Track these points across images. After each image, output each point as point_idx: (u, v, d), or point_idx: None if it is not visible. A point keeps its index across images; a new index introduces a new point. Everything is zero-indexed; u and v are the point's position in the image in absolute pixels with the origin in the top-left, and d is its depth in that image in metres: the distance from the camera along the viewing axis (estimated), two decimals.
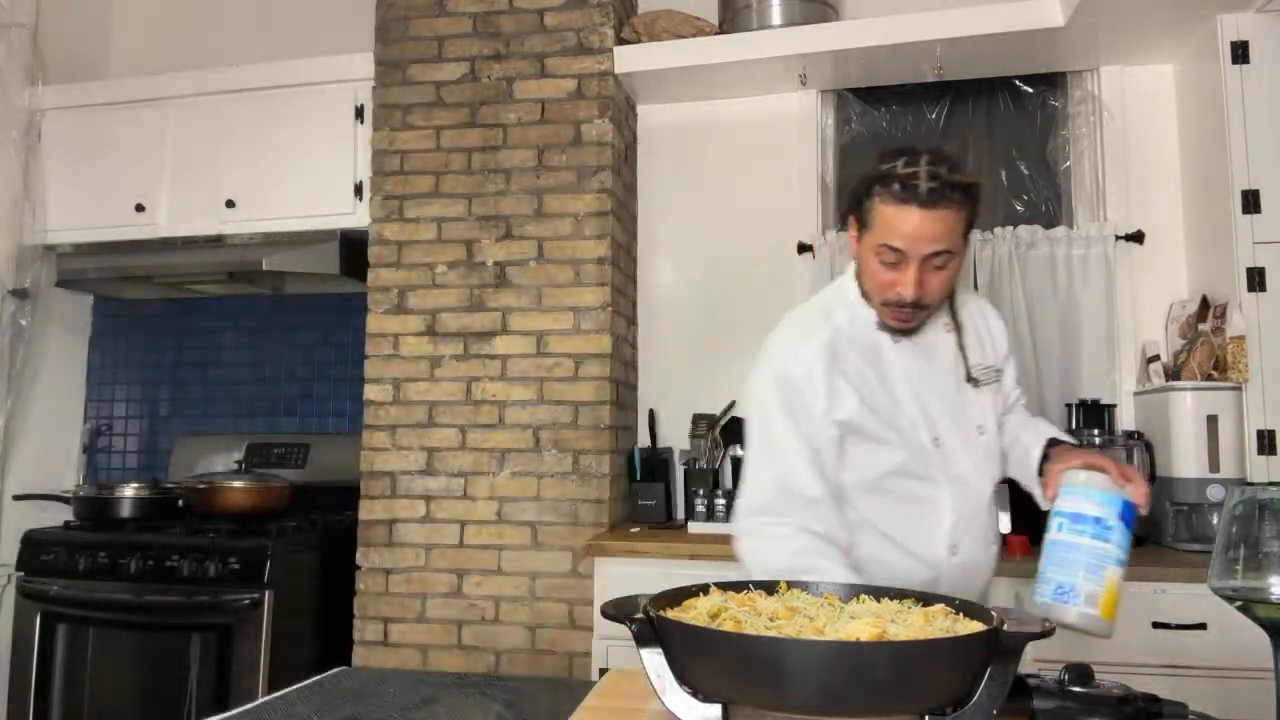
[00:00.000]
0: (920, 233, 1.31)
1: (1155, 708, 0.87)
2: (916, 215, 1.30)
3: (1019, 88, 2.84)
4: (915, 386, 1.43)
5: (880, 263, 1.36)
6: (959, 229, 1.33)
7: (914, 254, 1.32)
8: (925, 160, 1.32)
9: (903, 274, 1.34)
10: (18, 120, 3.03)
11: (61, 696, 2.60)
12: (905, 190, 1.31)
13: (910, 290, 1.34)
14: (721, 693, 0.79)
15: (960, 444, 1.44)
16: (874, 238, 1.36)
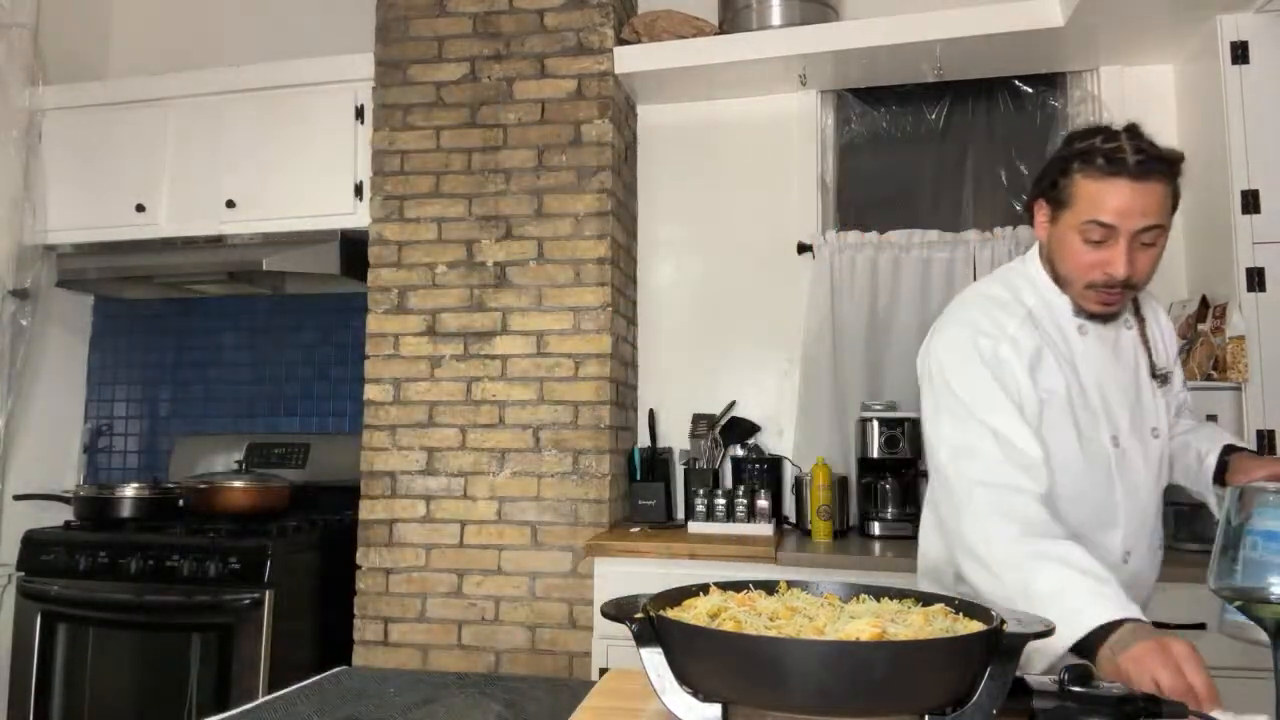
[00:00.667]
0: (1131, 206, 1.25)
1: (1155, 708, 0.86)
2: (1126, 188, 1.25)
3: (1019, 88, 2.84)
4: (1100, 382, 1.37)
5: (1085, 241, 1.29)
6: (1167, 203, 1.28)
7: (1125, 229, 1.26)
8: (1125, 135, 1.28)
9: (1112, 252, 1.28)
10: (18, 120, 3.03)
11: (61, 696, 2.60)
12: (1112, 163, 1.26)
13: (1122, 267, 1.27)
14: (721, 693, 0.79)
15: (1136, 446, 1.37)
16: (1076, 216, 1.29)
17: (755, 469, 2.67)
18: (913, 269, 2.75)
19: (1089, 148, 1.28)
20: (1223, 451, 1.37)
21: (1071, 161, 1.30)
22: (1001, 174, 2.85)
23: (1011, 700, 0.82)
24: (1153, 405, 1.40)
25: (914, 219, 2.84)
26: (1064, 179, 1.31)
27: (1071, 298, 1.37)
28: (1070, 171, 1.30)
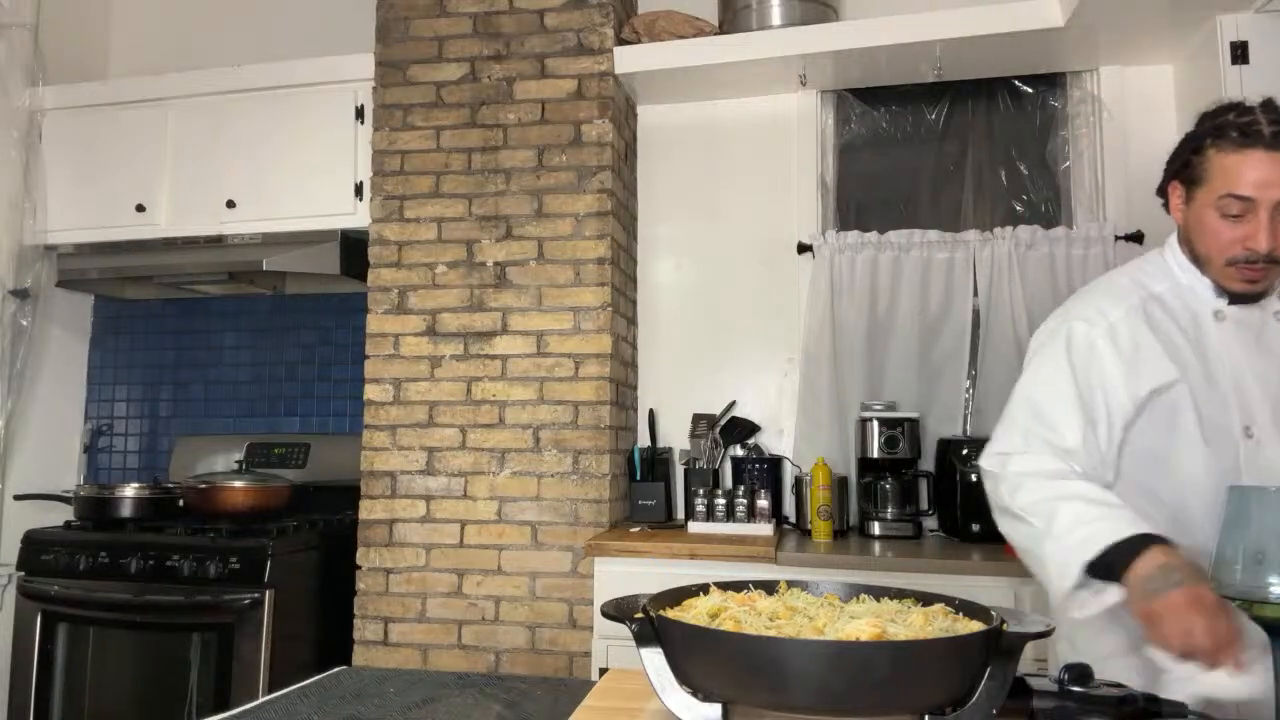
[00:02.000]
0: (1269, 177, 1.23)
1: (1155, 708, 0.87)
2: (1263, 158, 1.23)
3: (1019, 88, 2.84)
4: (1235, 368, 1.32)
5: (1222, 217, 1.27)
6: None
7: (1265, 200, 1.24)
8: (1260, 107, 1.26)
9: (1251, 225, 1.25)
10: (18, 120, 3.03)
11: (62, 696, 2.60)
12: (1247, 135, 1.24)
13: (1264, 239, 1.24)
14: (721, 692, 0.79)
15: (1278, 443, 1.30)
16: (1211, 191, 1.28)
17: (755, 469, 2.67)
18: (913, 269, 2.75)
19: (1222, 123, 1.27)
20: None
21: (1204, 138, 1.29)
22: (1001, 174, 2.85)
23: (1011, 700, 0.82)
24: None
25: (914, 219, 2.85)
26: (1197, 156, 1.30)
27: (1213, 279, 1.34)
28: (1203, 148, 1.29)
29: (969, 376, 2.70)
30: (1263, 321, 1.35)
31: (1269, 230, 1.24)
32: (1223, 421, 1.30)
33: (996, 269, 2.68)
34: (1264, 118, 1.24)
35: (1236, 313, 1.34)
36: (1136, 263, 1.45)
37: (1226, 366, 1.32)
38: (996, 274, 2.68)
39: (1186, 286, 1.36)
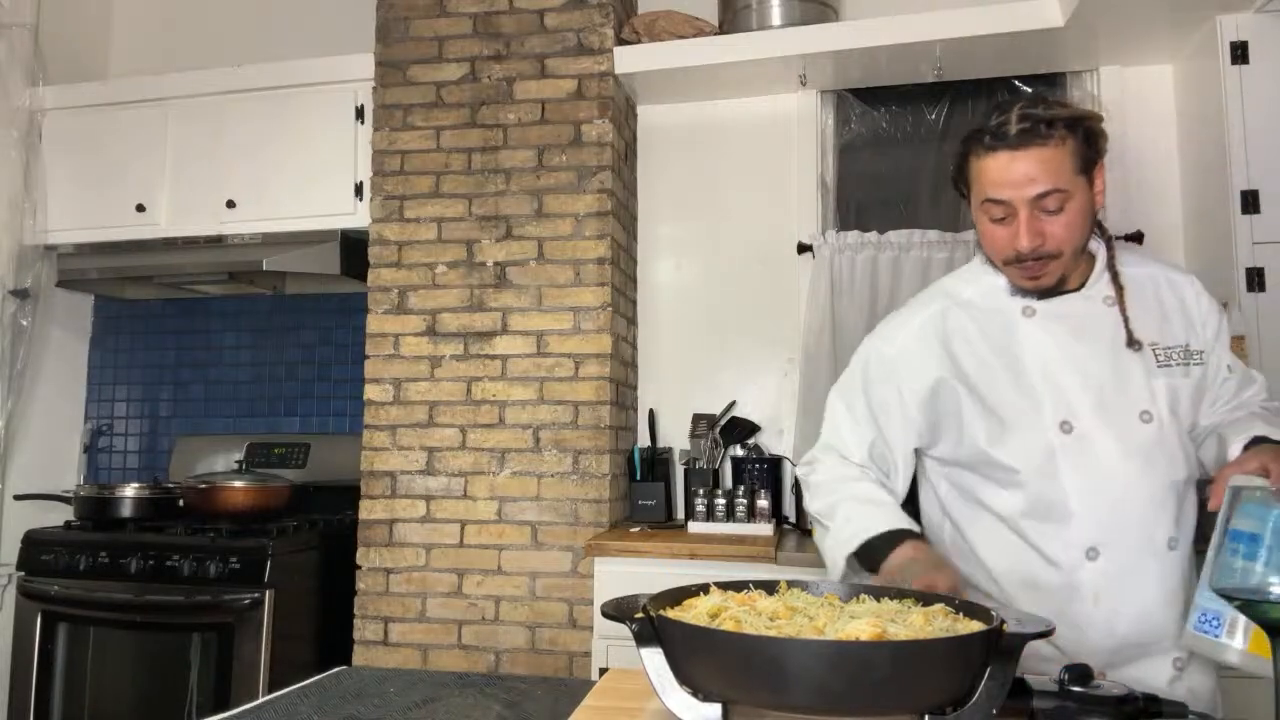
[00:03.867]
0: (1015, 176, 1.22)
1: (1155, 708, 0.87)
2: (1009, 159, 1.23)
3: (1019, 88, 2.84)
4: (1049, 364, 1.30)
5: (990, 221, 1.28)
6: (1066, 164, 1.22)
7: (1019, 199, 1.23)
8: (1018, 106, 1.24)
9: (1015, 226, 1.25)
10: (18, 120, 3.03)
11: (62, 696, 2.60)
12: (995, 138, 1.24)
13: (1025, 239, 1.24)
14: (721, 693, 0.79)
15: (1107, 432, 1.26)
16: (976, 199, 1.29)
17: (755, 469, 2.67)
18: (913, 269, 2.75)
19: (980, 128, 1.27)
20: (1250, 441, 1.22)
21: (967, 144, 1.30)
22: None
23: (1011, 700, 0.82)
24: (1141, 388, 1.28)
25: (914, 219, 2.84)
26: (963, 164, 1.31)
27: (1007, 277, 1.35)
28: (966, 156, 1.30)
29: None
30: (1085, 311, 1.32)
31: (1028, 228, 1.24)
32: (1029, 418, 1.29)
33: None
34: (1014, 116, 1.23)
35: (1050, 307, 1.32)
36: (960, 269, 1.48)
37: (1038, 362, 1.30)
38: None
39: (994, 287, 1.37)
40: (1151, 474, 1.26)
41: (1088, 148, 1.24)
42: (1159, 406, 1.28)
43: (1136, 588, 1.25)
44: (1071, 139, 1.22)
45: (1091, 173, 1.26)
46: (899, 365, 1.38)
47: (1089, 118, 1.26)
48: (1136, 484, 1.26)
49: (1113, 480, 1.25)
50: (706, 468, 2.66)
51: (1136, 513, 1.25)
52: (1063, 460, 1.26)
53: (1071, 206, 1.23)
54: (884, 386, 1.39)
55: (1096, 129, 1.26)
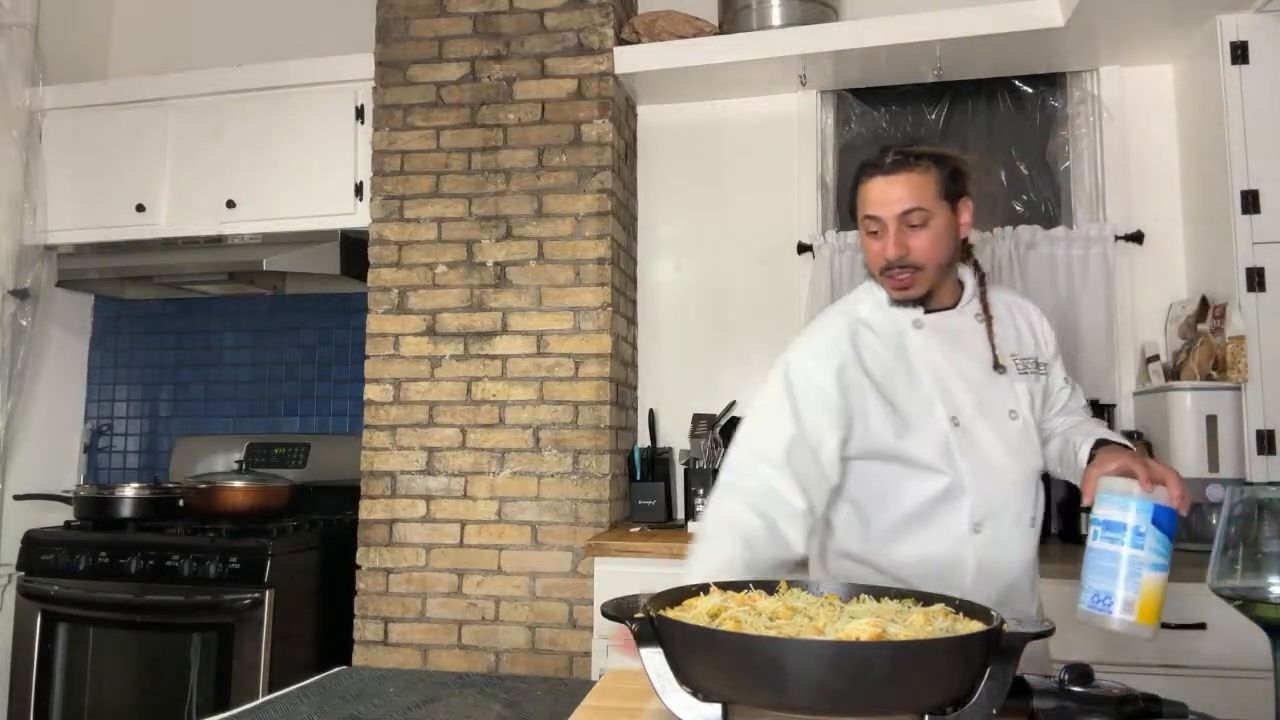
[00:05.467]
0: (886, 195, 1.44)
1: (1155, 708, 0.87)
2: (882, 181, 1.45)
3: (1019, 88, 2.84)
4: (937, 368, 1.49)
5: (868, 235, 1.48)
6: (929, 189, 1.44)
7: (887, 216, 1.44)
8: (895, 147, 1.47)
9: (885, 240, 1.45)
10: (18, 120, 3.03)
11: (61, 696, 2.60)
12: (873, 166, 1.47)
13: (891, 249, 1.44)
14: (721, 693, 0.79)
15: (987, 426, 1.48)
16: (860, 217, 1.49)
17: None
18: None
19: (865, 161, 1.50)
20: (1095, 444, 1.44)
21: (854, 177, 1.52)
22: (1001, 174, 2.85)
23: (1011, 700, 0.82)
24: (1008, 391, 1.51)
25: None
26: (853, 194, 1.52)
27: (884, 289, 1.52)
28: (854, 186, 1.52)
29: None
30: (961, 325, 1.53)
31: (895, 240, 1.44)
32: (925, 415, 1.47)
33: (997, 269, 2.68)
34: (891, 152, 1.46)
35: (934, 320, 1.52)
36: (853, 293, 1.62)
37: (928, 367, 1.49)
38: (997, 274, 2.68)
39: (884, 302, 1.54)
40: (1020, 462, 1.49)
41: (952, 181, 1.46)
42: (1022, 406, 1.51)
43: (1007, 557, 1.48)
44: (936, 170, 1.45)
45: (956, 203, 1.47)
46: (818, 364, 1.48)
47: (956, 158, 1.48)
48: (1011, 470, 1.48)
49: (994, 466, 1.47)
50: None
51: (1011, 494, 1.48)
52: (956, 448, 1.45)
53: (934, 224, 1.44)
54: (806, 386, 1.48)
55: (962, 169, 1.48)
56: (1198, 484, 2.24)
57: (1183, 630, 1.97)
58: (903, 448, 1.47)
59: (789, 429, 1.45)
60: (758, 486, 1.41)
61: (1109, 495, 1.22)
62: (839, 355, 1.49)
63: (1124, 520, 1.18)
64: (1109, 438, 1.46)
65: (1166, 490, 1.21)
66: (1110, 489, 1.23)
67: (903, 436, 1.47)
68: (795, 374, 1.50)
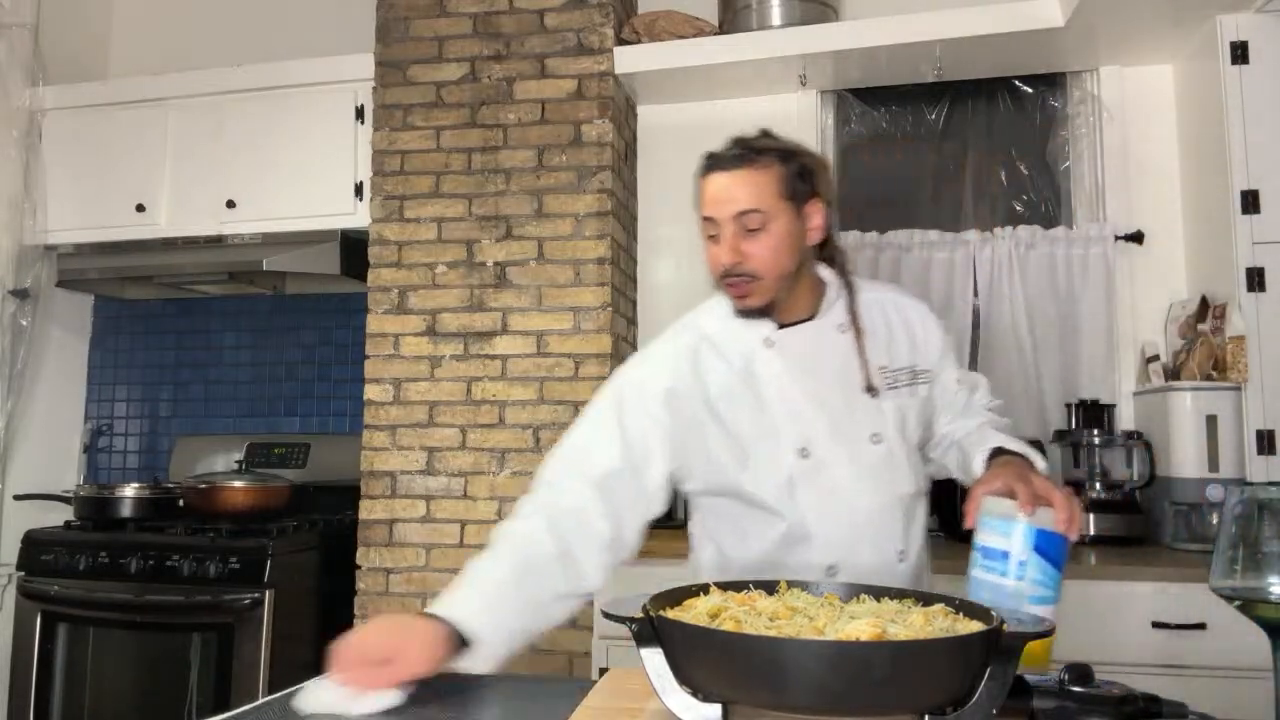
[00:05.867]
0: (721, 194, 1.32)
1: (1155, 708, 0.87)
2: (720, 179, 1.32)
3: (1019, 88, 2.84)
4: (786, 393, 1.34)
5: (707, 239, 1.37)
6: (769, 189, 1.30)
7: (722, 218, 1.31)
8: (740, 136, 1.36)
9: (722, 244, 1.33)
10: (18, 120, 3.03)
11: (61, 696, 2.60)
12: (710, 159, 1.36)
13: (726, 254, 1.31)
14: (721, 693, 0.79)
15: (842, 455, 1.33)
16: (700, 218, 1.37)
17: None
18: (913, 269, 2.75)
19: (709, 153, 1.37)
20: (991, 454, 1.31)
21: (698, 172, 1.38)
22: (1001, 174, 2.85)
23: (1011, 700, 0.82)
24: (872, 412, 1.35)
25: (914, 219, 2.84)
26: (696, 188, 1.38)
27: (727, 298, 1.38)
28: (697, 179, 1.38)
29: None
30: (819, 339, 1.37)
31: (730, 245, 1.30)
32: (773, 448, 1.32)
33: (996, 269, 2.68)
34: (732, 142, 1.34)
35: (787, 336, 1.36)
36: (706, 303, 1.48)
37: (776, 390, 1.34)
38: (996, 274, 2.68)
39: (727, 314, 1.39)
40: (881, 492, 1.34)
41: (800, 181, 1.31)
42: (888, 428, 1.35)
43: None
44: (780, 167, 1.30)
45: (803, 205, 1.32)
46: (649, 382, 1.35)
47: (806, 155, 1.34)
48: (868, 502, 1.33)
49: (846, 501, 1.32)
50: None
51: (869, 530, 1.33)
52: (801, 485, 1.31)
53: (773, 228, 1.29)
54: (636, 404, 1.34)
55: (813, 167, 1.33)
56: (1198, 484, 2.24)
57: (1183, 630, 1.97)
58: (742, 484, 1.33)
59: (612, 448, 1.30)
60: (565, 504, 1.26)
61: (989, 519, 1.11)
62: (671, 376, 1.35)
63: (1004, 547, 1.08)
64: (1006, 445, 1.32)
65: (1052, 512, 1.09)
66: (991, 511, 1.11)
67: (743, 470, 1.33)
68: (627, 389, 1.36)
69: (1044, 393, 2.62)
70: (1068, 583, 2.07)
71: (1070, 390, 2.61)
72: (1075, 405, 2.52)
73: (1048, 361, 2.64)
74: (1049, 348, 2.65)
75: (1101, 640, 1.97)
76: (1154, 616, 1.99)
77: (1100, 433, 2.44)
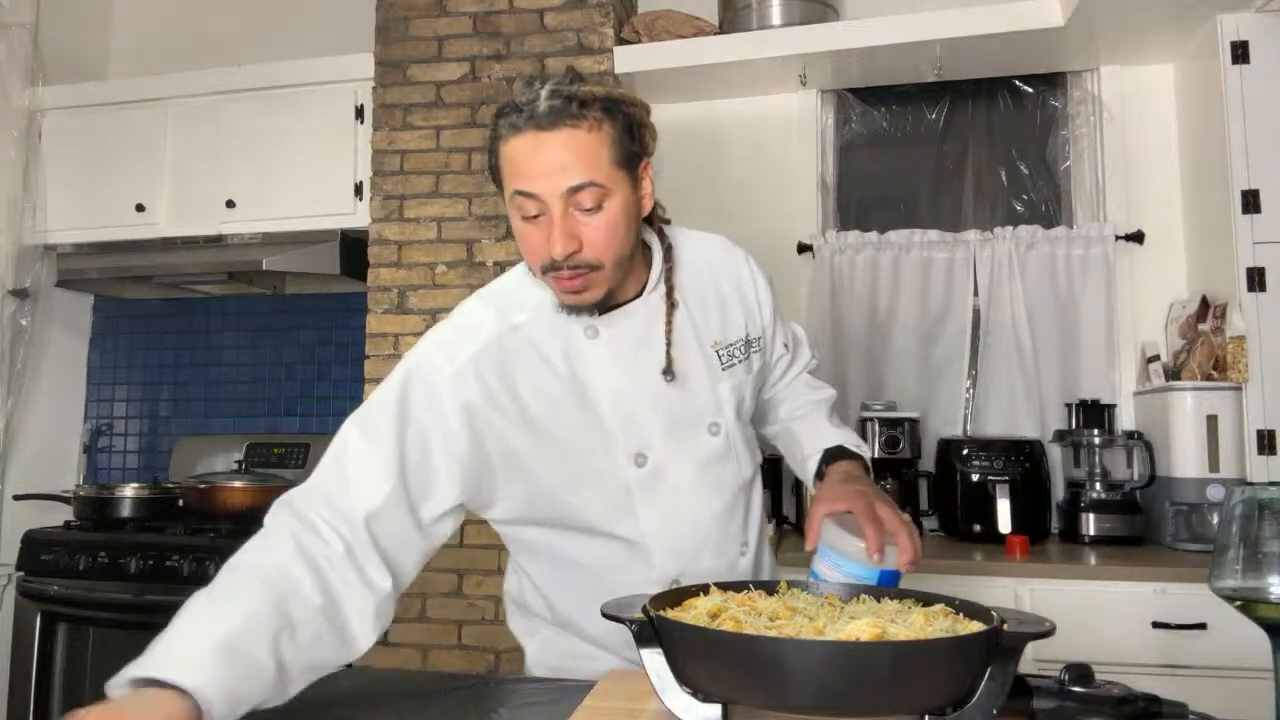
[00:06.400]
0: (542, 163, 1.02)
1: (1155, 708, 0.86)
2: (535, 140, 1.03)
3: (1019, 88, 2.84)
4: (618, 391, 1.13)
5: (522, 219, 1.06)
6: (602, 154, 1.03)
7: (548, 194, 1.02)
8: (551, 81, 1.07)
9: (548, 227, 1.03)
10: (18, 120, 3.03)
11: (61, 696, 2.60)
12: (519, 114, 1.05)
13: (559, 244, 1.02)
14: (721, 693, 0.79)
15: (681, 455, 1.16)
16: (507, 191, 1.07)
17: None
18: (913, 269, 2.75)
19: (507, 104, 1.08)
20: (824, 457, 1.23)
21: (495, 127, 1.08)
22: (1001, 174, 2.85)
23: (1011, 700, 0.82)
24: (709, 397, 1.18)
25: (914, 219, 2.85)
26: (494, 149, 1.08)
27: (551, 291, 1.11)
28: (495, 139, 1.08)
29: (969, 376, 2.70)
30: (647, 323, 1.15)
31: (562, 230, 1.02)
32: (604, 457, 1.13)
33: (997, 269, 2.68)
34: (544, 92, 1.05)
35: (612, 324, 1.13)
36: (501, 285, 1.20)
37: (606, 390, 1.13)
38: (997, 274, 2.68)
39: (547, 305, 1.13)
40: (723, 488, 1.20)
41: (630, 140, 1.06)
42: (725, 414, 1.19)
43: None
44: (609, 124, 1.04)
45: (636, 170, 1.08)
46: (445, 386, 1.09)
47: (631, 104, 1.09)
48: (709, 503, 1.18)
49: (690, 509, 1.17)
50: None
51: (713, 534, 1.19)
52: (639, 498, 1.14)
53: (611, 206, 1.04)
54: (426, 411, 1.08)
55: (641, 119, 1.09)
56: (1198, 484, 2.24)
57: (1183, 630, 1.97)
58: (571, 509, 1.13)
59: (391, 471, 1.03)
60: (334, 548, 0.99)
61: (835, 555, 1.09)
62: (471, 388, 1.08)
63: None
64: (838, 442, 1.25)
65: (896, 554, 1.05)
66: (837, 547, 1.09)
67: (574, 493, 1.13)
68: (415, 394, 1.08)
69: (1044, 393, 2.62)
70: (1068, 582, 2.08)
71: (1070, 390, 2.61)
72: (1075, 405, 2.52)
73: (1048, 361, 2.64)
74: (1049, 348, 2.65)
75: (1101, 640, 1.97)
76: (1154, 616, 1.99)
77: (1100, 433, 2.44)
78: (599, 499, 1.13)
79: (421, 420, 1.07)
